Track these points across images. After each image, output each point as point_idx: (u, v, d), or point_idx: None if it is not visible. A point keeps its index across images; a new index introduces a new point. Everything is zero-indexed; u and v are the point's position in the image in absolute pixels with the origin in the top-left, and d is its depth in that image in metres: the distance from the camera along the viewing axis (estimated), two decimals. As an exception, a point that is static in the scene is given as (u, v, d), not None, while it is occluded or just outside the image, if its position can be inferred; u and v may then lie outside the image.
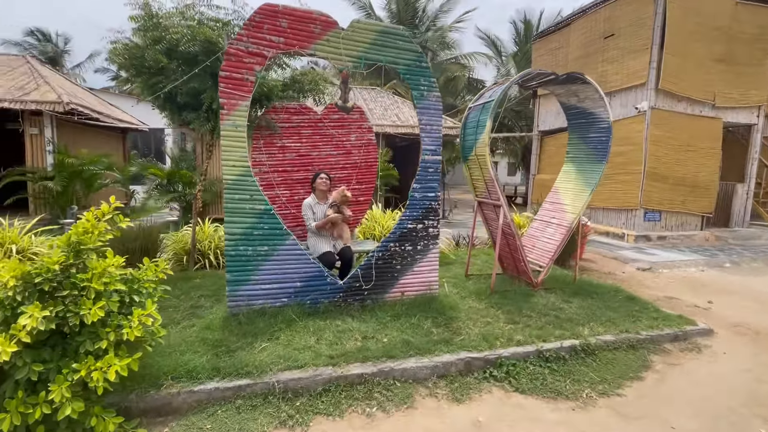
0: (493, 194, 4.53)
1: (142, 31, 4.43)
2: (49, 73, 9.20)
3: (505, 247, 4.89)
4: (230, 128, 3.30)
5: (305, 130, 4.91)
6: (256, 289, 3.59)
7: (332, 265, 4.06)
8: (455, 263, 5.92)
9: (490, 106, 4.27)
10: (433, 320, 3.63)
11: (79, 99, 8.44)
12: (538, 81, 4.59)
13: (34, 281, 2.13)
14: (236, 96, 3.27)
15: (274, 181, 4.85)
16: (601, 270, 6.15)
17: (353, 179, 5.14)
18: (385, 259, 3.95)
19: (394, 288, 4.03)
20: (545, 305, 4.14)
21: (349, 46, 3.50)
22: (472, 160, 4.58)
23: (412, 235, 4.01)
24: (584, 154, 5.02)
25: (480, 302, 4.22)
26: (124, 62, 4.49)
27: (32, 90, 7.82)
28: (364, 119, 5.13)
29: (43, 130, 7.90)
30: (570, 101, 5.03)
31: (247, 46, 3.23)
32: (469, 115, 4.72)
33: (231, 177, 3.38)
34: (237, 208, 3.44)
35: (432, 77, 3.85)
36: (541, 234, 5.08)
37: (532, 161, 11.55)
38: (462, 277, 5.17)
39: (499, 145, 20.79)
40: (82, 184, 8.21)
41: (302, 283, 3.71)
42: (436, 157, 3.98)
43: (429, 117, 3.89)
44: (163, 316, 3.63)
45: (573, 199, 4.91)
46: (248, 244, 3.51)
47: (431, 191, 4.01)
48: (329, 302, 3.82)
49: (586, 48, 9.34)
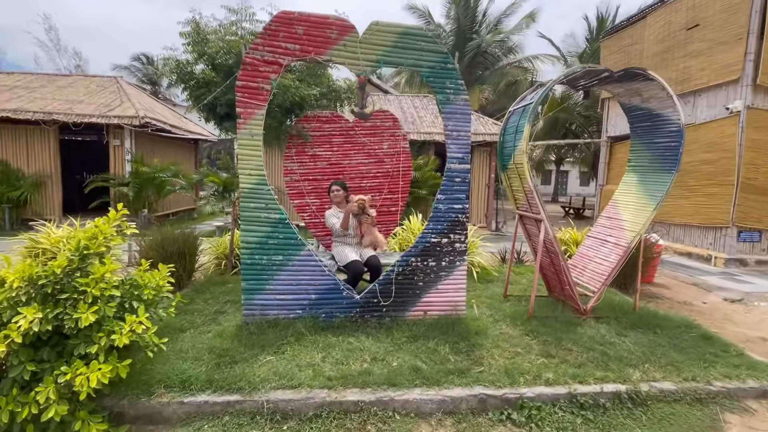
0: (534, 207, 4.05)
1: (191, 46, 4.73)
2: (133, 91, 10.37)
3: (550, 266, 4.35)
4: (246, 137, 3.31)
5: (336, 139, 4.85)
6: (270, 299, 3.54)
7: (360, 274, 3.91)
8: (497, 281, 5.43)
9: (529, 109, 3.83)
10: (453, 345, 3.28)
11: (155, 113, 9.36)
12: (588, 80, 4.04)
13: (38, 283, 2.24)
14: (252, 105, 3.27)
15: (304, 190, 4.84)
16: (675, 298, 5.22)
17: (385, 188, 4.96)
18: (406, 275, 3.69)
19: (415, 306, 3.74)
20: (591, 338, 3.56)
21: (367, 49, 3.34)
22: (511, 169, 4.15)
23: (436, 250, 3.70)
24: (649, 163, 4.31)
25: (514, 328, 3.76)
26: (173, 76, 4.82)
27: (116, 106, 8.83)
28: (398, 127, 4.93)
29: (123, 141, 8.87)
30: (632, 102, 4.37)
31: (262, 54, 3.23)
32: (509, 120, 4.30)
33: (247, 185, 3.38)
34: (252, 217, 3.42)
35: (460, 80, 3.55)
36: (594, 253, 4.44)
37: (600, 170, 10.44)
38: (500, 297, 4.70)
39: (569, 153, 19.30)
40: (154, 190, 9.05)
41: (317, 295, 3.59)
42: (464, 165, 3.64)
43: (456, 122, 3.58)
44: (186, 320, 3.77)
45: (633, 215, 4.22)
46: (263, 253, 3.47)
47: (458, 203, 3.67)
48: (345, 317, 3.64)
49: (664, 42, 8.22)
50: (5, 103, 8.45)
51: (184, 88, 4.84)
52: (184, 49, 4.76)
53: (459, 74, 3.56)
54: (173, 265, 3.31)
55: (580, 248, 4.68)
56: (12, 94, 9.02)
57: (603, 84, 4.18)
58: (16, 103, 8.55)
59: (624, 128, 9.39)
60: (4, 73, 10.88)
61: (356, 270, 3.82)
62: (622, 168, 9.69)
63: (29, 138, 8.70)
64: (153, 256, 4.44)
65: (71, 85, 9.98)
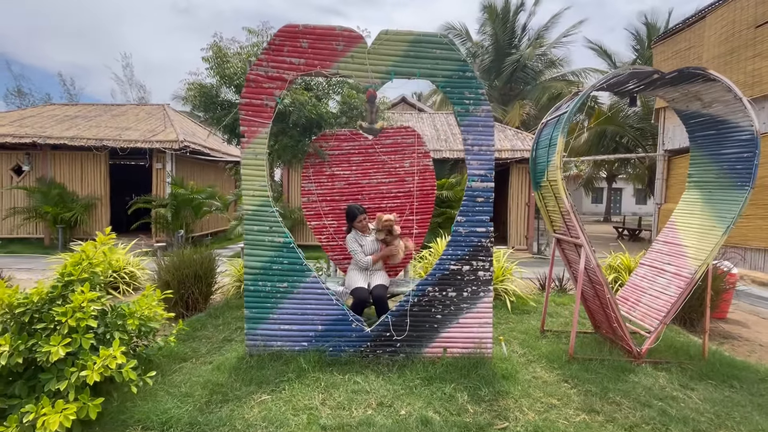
0: (572, 230, 3.53)
1: (213, 69, 4.77)
2: (177, 117, 10.96)
3: (594, 298, 3.76)
4: (250, 156, 3.15)
5: (355, 157, 4.62)
6: (274, 329, 3.28)
7: (364, 302, 3.58)
8: (534, 313, 4.85)
9: (563, 119, 3.38)
10: (473, 392, 2.82)
11: (195, 138, 9.76)
12: (635, 84, 3.52)
13: (15, 311, 2.13)
14: (256, 123, 3.11)
15: (322, 211, 4.63)
16: (756, 340, 4.34)
17: (407, 209, 4.63)
18: (422, 306, 3.30)
19: (433, 342, 3.32)
20: (647, 389, 2.93)
21: (376, 60, 3.10)
22: (545, 187, 3.67)
23: (456, 279, 3.28)
24: (715, 178, 3.65)
25: (550, 372, 3.22)
26: (197, 100, 4.87)
27: (159, 132, 9.30)
28: (420, 143, 4.62)
29: (165, 164, 9.28)
30: (690, 108, 3.77)
31: (266, 70, 3.08)
32: (542, 132, 3.85)
33: (251, 207, 3.20)
34: (256, 241, 3.22)
35: (480, 88, 3.20)
36: (649, 285, 3.79)
37: (657, 187, 9.42)
38: (536, 331, 4.14)
39: (621, 169, 17.91)
40: (191, 211, 9.34)
41: (324, 326, 3.29)
42: (487, 184, 3.24)
43: (477, 136, 3.21)
44: (191, 348, 3.60)
45: (698, 240, 3.56)
46: (267, 280, 3.25)
47: (480, 225, 3.26)
48: (354, 351, 3.30)
49: (728, 43, 7.34)
50: (65, 131, 9.19)
51: (207, 111, 4.88)
52: (207, 73, 4.82)
53: (479, 83, 3.21)
54: (171, 291, 3.16)
55: (632, 278, 4.04)
56: (72, 123, 9.83)
57: (653, 88, 3.63)
58: (74, 131, 9.27)
59: (683, 140, 8.45)
60: (70, 104, 12.00)
61: (359, 297, 3.50)
62: (683, 185, 8.66)
63: (84, 163, 9.36)
64: (169, 279, 4.39)
65: (123, 113, 10.75)
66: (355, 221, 3.87)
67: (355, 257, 3.82)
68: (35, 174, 9.32)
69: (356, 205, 3.98)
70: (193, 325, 4.07)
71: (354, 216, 3.87)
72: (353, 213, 3.88)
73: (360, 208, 3.91)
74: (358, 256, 3.78)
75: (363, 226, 3.90)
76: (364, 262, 3.75)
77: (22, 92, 25.93)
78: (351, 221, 3.91)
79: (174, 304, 4.36)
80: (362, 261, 3.76)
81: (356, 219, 3.86)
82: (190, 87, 4.77)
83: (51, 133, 9.06)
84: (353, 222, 3.88)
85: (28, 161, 9.28)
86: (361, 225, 3.88)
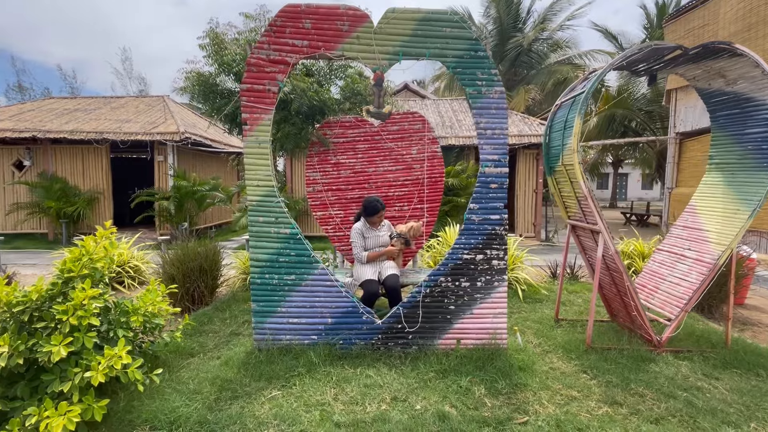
0: (589, 216, 3.40)
1: (211, 57, 4.61)
2: (178, 109, 10.80)
3: (611, 286, 3.64)
4: (253, 145, 3.02)
5: (361, 145, 4.48)
6: (282, 322, 3.19)
7: (374, 295, 3.47)
8: (546, 301, 4.74)
9: (580, 100, 3.22)
10: (490, 385, 2.73)
11: (196, 129, 9.61)
12: (655, 61, 3.34)
13: (14, 310, 2.04)
14: (258, 109, 2.98)
15: (327, 201, 4.51)
16: (778, 325, 4.22)
17: (415, 197, 4.50)
18: (434, 297, 3.19)
19: (446, 334, 3.22)
20: (670, 380, 2.83)
21: (383, 41, 2.94)
22: (560, 171, 3.53)
23: (470, 269, 3.17)
24: (738, 159, 3.49)
25: (567, 362, 3.12)
26: (195, 89, 4.71)
27: (160, 123, 9.16)
28: (428, 129, 4.47)
29: (166, 157, 9.16)
30: (712, 86, 3.59)
31: (268, 53, 2.93)
32: (556, 114, 3.69)
33: (255, 198, 3.08)
34: (262, 232, 3.11)
35: (493, 68, 3.03)
36: (668, 271, 3.66)
37: (668, 171, 9.22)
38: (550, 320, 4.04)
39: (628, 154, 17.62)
40: (194, 204, 9.25)
41: (334, 319, 3.19)
42: (501, 169, 3.10)
43: (490, 119, 3.06)
44: (198, 343, 3.53)
45: (721, 224, 3.42)
46: (274, 272, 3.15)
47: (494, 213, 3.13)
48: (365, 344, 3.21)
49: (745, 20, 7.06)
50: (64, 125, 9.06)
51: (206, 101, 4.73)
52: (205, 61, 4.65)
53: (492, 63, 3.04)
54: (175, 285, 3.07)
55: (650, 264, 3.91)
56: (71, 116, 9.70)
57: (674, 66, 3.45)
58: (73, 124, 9.15)
59: (696, 122, 8.22)
60: (69, 98, 11.85)
61: (369, 291, 3.39)
62: (696, 168, 8.49)
63: (85, 157, 9.26)
64: (174, 273, 4.31)
65: (123, 106, 10.59)
66: (375, 216, 3.65)
67: (353, 249, 3.66)
68: (37, 169, 9.23)
69: (378, 198, 3.73)
70: (200, 319, 4.00)
71: (375, 210, 3.64)
72: (375, 208, 3.64)
73: (382, 204, 3.68)
74: (356, 250, 3.62)
75: (379, 221, 3.74)
76: (360, 257, 3.61)
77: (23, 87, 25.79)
78: (369, 215, 3.66)
79: (180, 298, 4.29)
80: (358, 255, 3.62)
81: (377, 214, 3.65)
82: (187, 76, 4.61)
83: (50, 127, 8.95)
84: (372, 216, 3.66)
85: (29, 156, 9.19)
86: (379, 220, 3.72)
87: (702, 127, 8.02)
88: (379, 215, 3.66)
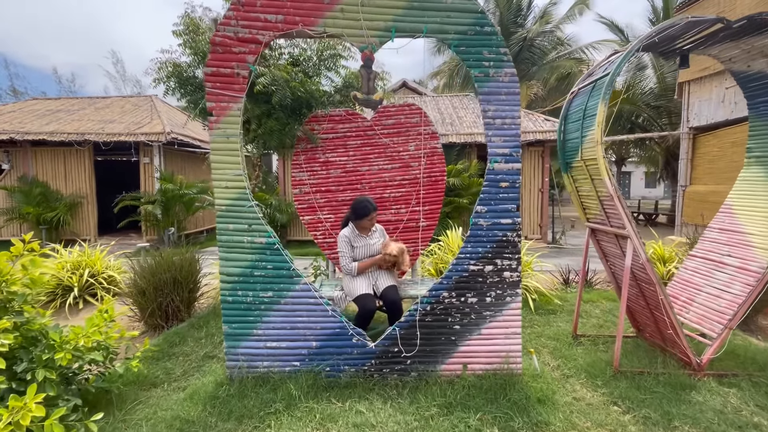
0: (614, 218, 2.94)
1: (186, 45, 4.16)
2: (165, 108, 10.35)
3: (638, 298, 3.18)
4: (220, 139, 2.56)
5: (352, 141, 4.02)
6: (258, 347, 2.73)
7: (372, 312, 3.00)
8: (560, 312, 4.28)
9: (602, 85, 2.76)
10: (504, 424, 2.27)
11: (184, 130, 9.16)
12: (692, 38, 2.88)
13: None
14: (226, 97, 2.52)
15: (316, 203, 4.05)
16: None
17: (413, 199, 4.04)
18: (436, 315, 2.73)
19: (451, 358, 2.76)
20: (720, 414, 2.36)
21: (372, 14, 2.48)
22: (578, 168, 3.07)
23: (478, 282, 2.71)
24: (787, 150, 3.02)
25: (594, 390, 2.66)
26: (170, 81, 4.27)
27: (145, 124, 8.71)
28: (427, 122, 4.01)
29: (153, 158, 8.71)
30: (753, 67, 3.13)
31: (236, 31, 2.48)
32: (572, 103, 3.23)
33: (224, 202, 2.62)
34: (233, 242, 2.65)
35: (502, 46, 2.58)
36: (704, 281, 3.19)
37: (681, 168, 8.75)
38: (567, 336, 3.57)
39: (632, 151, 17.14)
40: (182, 208, 8.78)
41: (319, 342, 2.73)
42: (513, 165, 2.64)
43: (499, 105, 2.60)
44: (164, 369, 3.03)
45: (766, 226, 2.95)
46: (248, 288, 2.69)
47: (506, 216, 2.67)
48: (356, 371, 2.75)
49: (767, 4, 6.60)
50: (44, 126, 8.62)
51: (183, 94, 4.27)
52: (181, 51, 4.20)
53: (501, 40, 2.59)
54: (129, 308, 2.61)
55: (681, 272, 3.44)
56: (53, 117, 9.26)
57: (710, 44, 2.99)
58: (55, 125, 8.70)
59: (711, 116, 7.76)
60: (52, 98, 11.41)
61: (366, 308, 2.92)
62: (711, 164, 8.01)
63: (67, 159, 8.81)
64: (143, 286, 3.85)
65: (108, 106, 10.15)
66: (365, 219, 3.12)
67: (341, 260, 3.14)
68: (16, 173, 8.79)
69: (368, 198, 3.21)
70: (171, 339, 3.54)
71: (366, 212, 3.10)
72: (365, 209, 3.10)
73: (373, 204, 3.15)
74: (344, 260, 3.10)
75: (370, 226, 3.22)
76: (348, 269, 3.09)
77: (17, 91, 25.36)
78: (358, 218, 3.13)
79: (150, 314, 3.83)
80: (346, 267, 3.09)
81: (368, 216, 3.11)
82: (160, 66, 4.15)
83: (30, 128, 8.51)
84: (362, 220, 3.12)
85: (8, 159, 8.75)
86: (370, 224, 3.20)
87: (717, 120, 7.56)
88: (370, 218, 3.13)
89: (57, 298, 4.67)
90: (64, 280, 4.73)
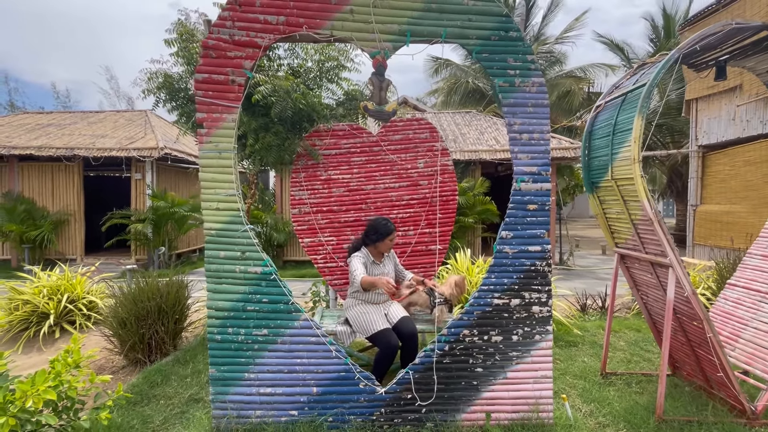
0: (651, 245, 2.63)
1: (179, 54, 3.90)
2: (160, 123, 10.09)
3: (677, 332, 2.84)
4: (212, 154, 2.25)
5: (357, 157, 3.73)
6: (250, 393, 2.36)
7: (396, 350, 2.63)
8: (582, 344, 3.92)
9: (637, 97, 2.49)
10: (542, 493, 1.89)
11: (178, 145, 8.88)
12: (732, 47, 2.64)
13: None
14: (219, 107, 2.22)
15: (317, 225, 3.72)
16: None
17: (422, 220, 3.73)
18: (455, 356, 2.38)
19: (473, 405, 2.40)
20: (794, 479, 2.01)
21: (385, 16, 2.22)
22: (607, 188, 2.78)
23: (503, 318, 2.37)
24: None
25: (637, 445, 2.29)
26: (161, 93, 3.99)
27: (138, 139, 8.43)
28: (436, 138, 3.74)
29: (145, 174, 8.39)
30: (794, 80, 2.89)
31: (231, 33, 2.20)
32: (598, 118, 2.97)
33: (214, 226, 2.29)
34: (223, 272, 2.31)
35: (529, 53, 2.32)
36: (750, 314, 2.87)
37: (691, 187, 8.53)
38: (595, 374, 3.21)
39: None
40: (174, 226, 8.42)
41: (320, 388, 2.37)
42: (542, 185, 2.34)
43: (525, 118, 2.32)
44: (142, 416, 2.62)
45: (820, 253, 2.66)
46: (239, 326, 2.33)
47: (534, 243, 2.36)
48: (363, 421, 2.38)
49: (776, 22, 6.50)
50: (33, 141, 8.31)
51: (174, 107, 3.99)
52: (174, 60, 3.94)
53: (528, 46, 2.33)
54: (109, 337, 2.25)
55: (720, 303, 3.12)
56: (42, 131, 8.96)
57: (752, 53, 2.76)
58: (43, 140, 8.40)
59: (722, 134, 7.59)
60: (44, 113, 11.14)
61: (389, 346, 2.56)
62: (723, 183, 7.79)
63: (55, 175, 8.47)
64: (124, 316, 3.47)
65: (101, 120, 9.86)
66: (386, 239, 2.79)
67: (351, 276, 2.73)
68: (1, 188, 8.41)
69: (386, 219, 2.91)
70: (152, 378, 3.14)
71: (388, 231, 2.78)
72: (386, 227, 2.79)
73: (392, 225, 2.85)
74: (355, 276, 2.65)
75: (390, 247, 2.90)
76: (356, 281, 2.64)
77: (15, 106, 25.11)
78: (380, 238, 2.79)
79: (131, 348, 3.44)
80: (355, 281, 2.65)
81: (389, 236, 2.80)
82: (150, 77, 3.87)
83: (17, 142, 8.18)
84: (383, 239, 2.79)
85: (-7, 174, 8.39)
86: (391, 245, 2.87)
87: (729, 139, 7.38)
88: (391, 238, 2.82)
89: (31, 327, 4.27)
90: (40, 306, 4.33)
